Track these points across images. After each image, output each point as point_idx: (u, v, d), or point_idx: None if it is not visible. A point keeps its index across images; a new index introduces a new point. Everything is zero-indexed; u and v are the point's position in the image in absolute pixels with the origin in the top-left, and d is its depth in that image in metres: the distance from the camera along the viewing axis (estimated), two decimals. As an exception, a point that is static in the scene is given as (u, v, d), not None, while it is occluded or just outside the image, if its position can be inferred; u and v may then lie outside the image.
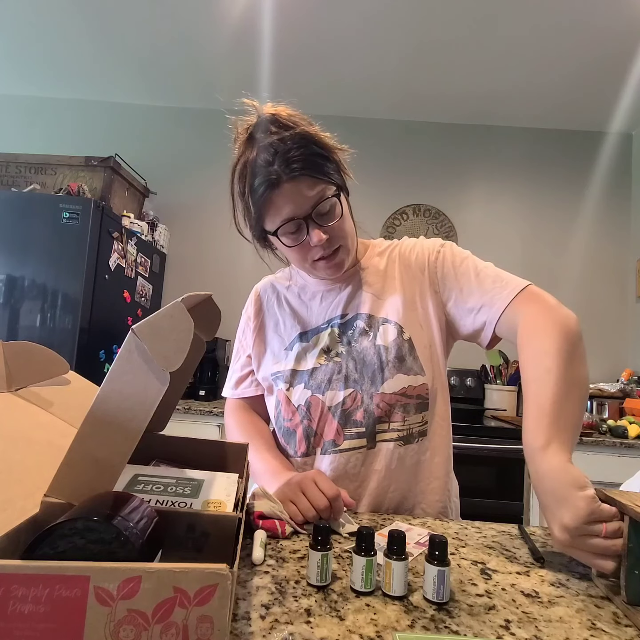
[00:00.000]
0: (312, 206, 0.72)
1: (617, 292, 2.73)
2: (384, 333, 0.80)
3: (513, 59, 2.30)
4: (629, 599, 0.46)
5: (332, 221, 0.75)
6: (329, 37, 2.23)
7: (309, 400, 0.80)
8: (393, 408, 0.77)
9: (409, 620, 0.42)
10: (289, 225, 0.73)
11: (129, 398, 0.38)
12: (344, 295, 0.85)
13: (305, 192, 0.71)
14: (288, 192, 0.71)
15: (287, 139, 0.71)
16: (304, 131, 0.72)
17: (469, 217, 2.81)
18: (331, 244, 0.76)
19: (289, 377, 0.83)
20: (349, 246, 0.80)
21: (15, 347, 0.61)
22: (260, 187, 0.71)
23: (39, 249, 2.03)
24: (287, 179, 0.70)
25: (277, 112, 0.75)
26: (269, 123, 0.73)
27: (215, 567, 0.30)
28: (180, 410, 2.06)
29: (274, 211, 0.73)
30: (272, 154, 0.70)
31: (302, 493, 0.64)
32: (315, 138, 0.73)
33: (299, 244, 0.76)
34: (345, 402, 0.78)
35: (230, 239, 2.85)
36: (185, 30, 2.25)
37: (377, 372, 0.78)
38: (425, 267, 0.84)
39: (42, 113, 2.93)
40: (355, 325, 0.83)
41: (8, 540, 0.33)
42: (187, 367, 0.46)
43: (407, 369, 0.78)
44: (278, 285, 0.94)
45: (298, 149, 0.70)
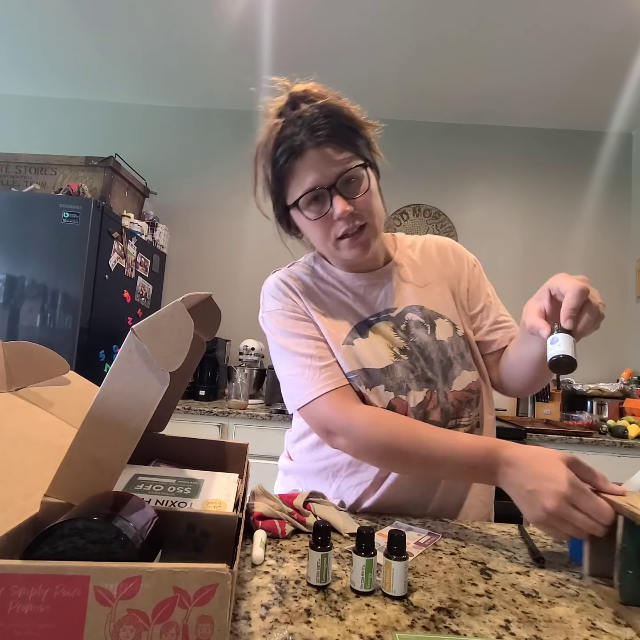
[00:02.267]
0: (337, 175, 0.68)
1: (617, 292, 2.73)
2: (442, 328, 0.78)
3: (513, 59, 2.30)
4: (624, 599, 0.46)
5: (358, 193, 0.70)
6: (329, 37, 2.23)
7: (392, 403, 0.73)
8: (463, 405, 0.76)
9: (409, 620, 0.42)
10: (312, 195, 0.69)
11: (129, 398, 0.38)
12: (389, 288, 0.81)
13: (330, 160, 0.67)
14: (312, 159, 0.67)
15: (315, 109, 0.68)
16: (332, 103, 0.70)
17: (469, 217, 2.81)
18: (356, 219, 0.70)
19: (364, 377, 0.74)
20: (376, 225, 0.73)
21: (15, 347, 0.61)
22: (283, 155, 0.68)
23: (39, 249, 2.03)
24: (311, 146, 0.67)
25: (308, 88, 0.72)
26: (298, 99, 0.70)
27: (215, 567, 0.30)
28: (180, 410, 2.06)
29: (297, 181, 0.69)
30: (299, 125, 0.68)
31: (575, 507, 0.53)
32: (345, 111, 0.70)
33: (322, 217, 0.70)
34: (424, 403, 0.74)
35: (230, 239, 2.87)
36: (185, 30, 2.25)
37: (447, 370, 0.76)
38: (464, 269, 0.85)
39: (42, 113, 2.93)
40: (407, 318, 0.79)
41: (8, 540, 0.33)
42: (187, 367, 0.46)
43: (468, 364, 0.77)
44: (304, 277, 0.83)
45: (325, 117, 0.67)
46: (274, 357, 0.79)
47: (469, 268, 0.86)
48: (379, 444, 0.68)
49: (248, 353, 2.48)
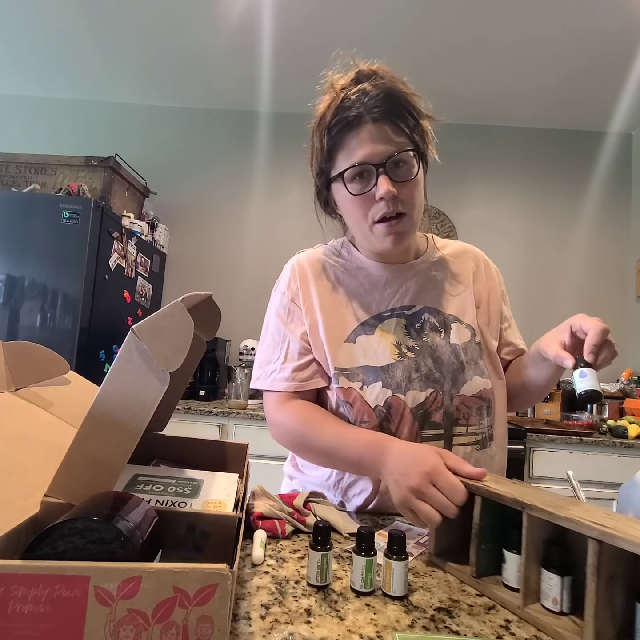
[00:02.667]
0: (388, 155, 0.66)
1: (617, 292, 2.73)
2: (458, 332, 0.77)
3: (513, 60, 2.30)
4: (478, 573, 0.50)
5: (405, 178, 0.68)
6: (329, 38, 2.23)
7: (389, 401, 0.73)
8: (471, 411, 0.75)
9: (409, 620, 0.42)
10: (358, 169, 0.67)
11: (129, 398, 0.38)
12: (412, 284, 0.79)
13: (384, 138, 0.66)
14: (366, 133, 0.66)
15: (379, 87, 0.67)
16: (397, 86, 0.69)
17: (469, 217, 2.81)
18: (397, 204, 0.68)
19: (361, 375, 0.75)
20: (414, 217, 0.72)
21: (15, 347, 0.61)
22: (339, 124, 0.67)
23: (39, 249, 2.03)
24: (368, 120, 0.66)
25: (377, 68, 0.71)
26: (364, 77, 0.69)
27: (215, 567, 0.30)
28: (180, 410, 2.06)
29: (347, 152, 0.68)
30: (358, 98, 0.67)
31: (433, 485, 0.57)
32: (408, 96, 0.69)
33: (364, 194, 0.69)
34: (426, 402, 0.73)
35: (230, 239, 2.87)
36: (185, 31, 2.25)
37: (458, 373, 0.75)
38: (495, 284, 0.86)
39: (42, 113, 2.93)
40: (424, 318, 0.78)
41: (8, 540, 0.33)
42: (187, 367, 0.46)
43: (481, 371, 0.76)
44: (326, 261, 0.82)
45: (386, 97, 0.66)
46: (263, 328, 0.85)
47: (501, 285, 0.87)
48: (290, 432, 0.77)
49: (248, 353, 2.48)
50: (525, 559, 0.45)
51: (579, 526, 0.40)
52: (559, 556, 0.44)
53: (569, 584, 0.43)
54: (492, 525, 0.51)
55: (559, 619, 0.42)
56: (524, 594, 0.44)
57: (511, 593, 0.47)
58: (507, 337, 0.86)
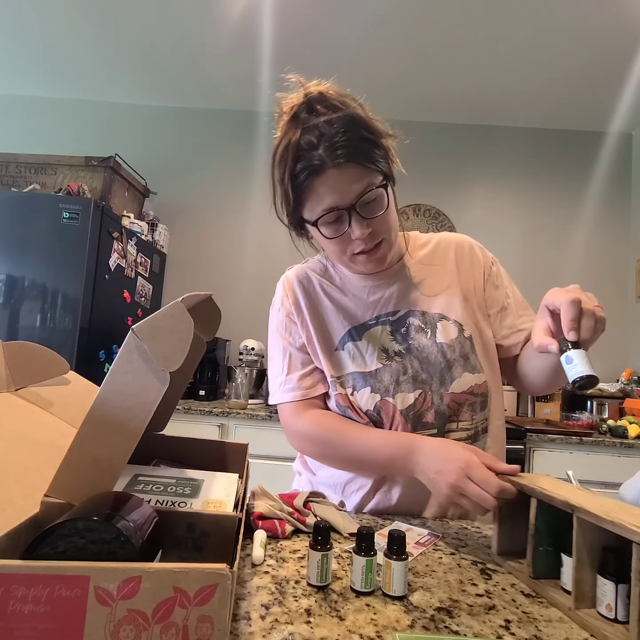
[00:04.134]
0: (357, 196, 0.66)
1: (617, 292, 2.73)
2: (444, 330, 0.77)
3: (513, 60, 2.30)
4: (536, 574, 0.51)
5: (376, 213, 0.69)
6: (329, 38, 2.23)
7: (378, 405, 0.75)
8: (462, 407, 0.75)
9: (409, 620, 0.42)
10: (330, 215, 0.68)
11: (129, 398, 0.38)
12: (394, 290, 0.80)
13: (351, 181, 0.66)
14: (332, 179, 0.65)
15: (335, 122, 0.65)
16: (353, 113, 0.67)
17: (469, 217, 2.81)
18: (374, 238, 0.70)
19: (351, 381, 0.78)
20: (392, 240, 0.74)
21: (15, 347, 0.61)
22: (302, 172, 0.66)
23: (39, 249, 2.03)
24: (332, 166, 0.64)
25: (326, 89, 0.69)
26: (315, 102, 0.68)
27: (215, 567, 0.30)
28: (180, 410, 2.06)
29: (315, 199, 0.68)
30: (317, 137, 0.65)
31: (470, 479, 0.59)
32: (366, 122, 0.68)
33: (340, 236, 0.70)
34: (416, 404, 0.75)
35: (230, 239, 2.87)
36: (185, 30, 2.25)
37: (445, 371, 0.75)
38: (481, 269, 0.83)
39: (42, 113, 2.93)
40: (409, 322, 0.79)
41: (8, 540, 0.33)
42: (187, 367, 0.46)
43: (472, 367, 0.76)
44: (313, 275, 0.85)
45: (345, 133, 0.64)
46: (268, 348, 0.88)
47: (486, 268, 0.84)
48: (314, 441, 0.79)
49: (248, 353, 2.48)
50: (577, 562, 0.45)
51: (622, 530, 0.40)
52: (615, 563, 0.43)
53: (625, 592, 0.42)
54: (553, 528, 0.51)
55: (611, 625, 0.42)
56: (575, 597, 0.44)
57: (566, 596, 0.47)
58: (502, 321, 0.81)
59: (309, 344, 0.82)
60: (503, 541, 0.57)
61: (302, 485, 0.88)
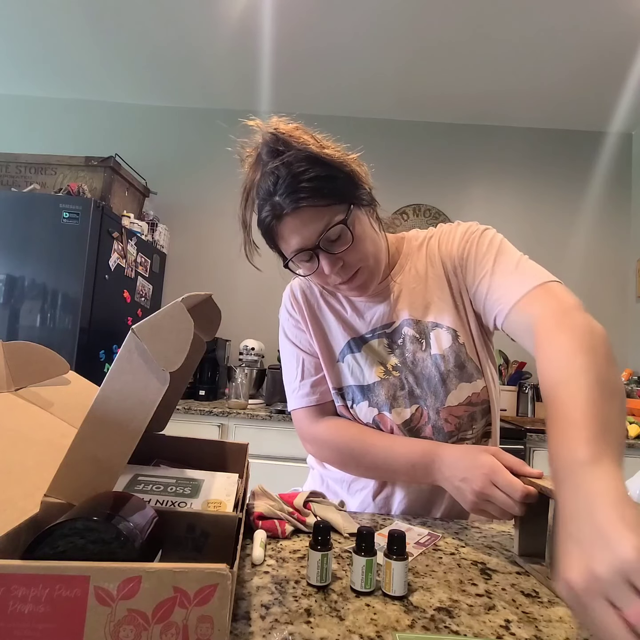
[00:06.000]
0: (317, 236, 0.67)
1: (617, 292, 2.73)
2: (437, 340, 0.75)
3: (513, 60, 2.30)
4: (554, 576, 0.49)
5: (343, 247, 0.68)
6: (329, 38, 2.23)
7: (376, 419, 0.76)
8: (462, 420, 0.75)
9: (409, 620, 0.42)
10: (300, 256, 0.69)
11: (129, 398, 0.38)
12: (387, 303, 0.80)
13: (309, 224, 0.66)
14: (291, 224, 0.67)
15: (289, 163, 0.65)
16: (306, 150, 0.66)
17: (469, 217, 2.77)
18: (348, 270, 0.71)
19: (351, 394, 0.79)
20: (371, 266, 0.73)
21: (15, 347, 0.61)
22: (266, 219, 0.69)
23: (39, 249, 2.03)
24: (289, 212, 0.65)
25: (278, 129, 0.69)
26: (271, 143, 0.68)
27: (215, 567, 0.30)
28: (180, 410, 2.06)
29: (283, 243, 0.70)
30: (274, 182, 0.66)
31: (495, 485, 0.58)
32: (320, 156, 0.66)
33: (314, 272, 0.71)
34: (412, 419, 0.75)
35: (230, 239, 2.86)
36: (185, 30, 2.25)
37: (439, 386, 0.74)
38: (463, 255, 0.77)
39: (42, 113, 2.93)
40: (404, 332, 0.78)
41: (8, 540, 0.33)
42: (187, 367, 0.46)
43: (468, 375, 0.75)
44: (315, 287, 0.86)
45: (300, 174, 0.64)
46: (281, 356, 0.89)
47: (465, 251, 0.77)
48: (335, 449, 0.79)
49: (248, 353, 2.48)
50: None
51: None
52: None
53: None
54: None
55: None
56: None
57: None
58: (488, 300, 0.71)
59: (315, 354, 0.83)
60: (524, 542, 0.57)
61: (315, 479, 0.89)
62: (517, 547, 0.57)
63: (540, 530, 0.55)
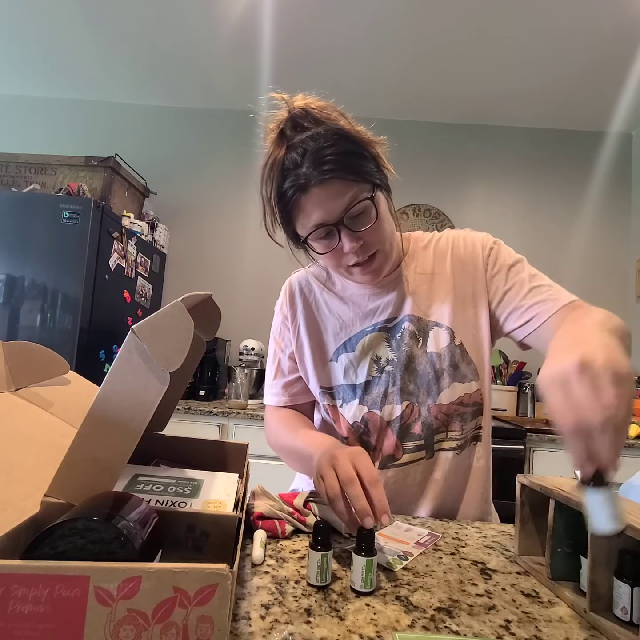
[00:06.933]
0: (343, 211, 0.66)
1: (617, 292, 2.73)
2: (435, 338, 0.76)
3: (513, 60, 2.30)
4: (553, 576, 0.51)
5: (365, 225, 0.67)
6: (329, 38, 2.23)
7: (366, 417, 0.76)
8: (451, 418, 0.75)
9: (409, 620, 0.42)
10: (320, 231, 0.68)
11: (128, 398, 0.38)
12: (393, 297, 0.79)
13: (335, 197, 0.65)
14: (316, 196, 0.65)
15: (318, 136, 0.65)
16: (336, 126, 0.66)
17: (469, 217, 2.80)
18: (366, 250, 0.70)
19: (342, 393, 0.79)
20: (387, 250, 0.73)
21: (15, 347, 0.61)
22: (288, 191, 0.67)
23: (39, 249, 2.03)
24: (316, 183, 0.64)
25: (307, 104, 0.68)
26: (299, 118, 0.68)
27: (215, 567, 0.30)
28: (180, 410, 2.06)
29: (304, 217, 0.68)
30: (301, 154, 0.65)
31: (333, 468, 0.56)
32: (349, 133, 0.67)
33: (332, 250, 0.70)
34: (403, 416, 0.75)
35: (230, 239, 2.87)
36: (185, 30, 2.25)
37: (433, 383, 0.75)
38: (478, 263, 0.78)
39: (42, 113, 2.92)
40: (404, 327, 0.78)
41: (8, 540, 0.33)
42: (187, 367, 0.46)
43: (462, 376, 0.75)
44: (314, 283, 0.86)
45: (329, 147, 0.64)
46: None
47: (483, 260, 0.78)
48: (270, 433, 0.85)
49: (248, 353, 2.48)
50: (592, 563, 0.44)
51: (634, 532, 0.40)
52: (632, 565, 0.43)
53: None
54: (572, 530, 0.51)
55: (624, 627, 0.42)
56: (590, 598, 0.44)
57: (582, 598, 0.46)
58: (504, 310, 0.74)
59: (299, 353, 0.84)
60: (524, 542, 0.57)
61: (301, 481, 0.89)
62: (517, 547, 0.58)
63: (540, 530, 0.55)
